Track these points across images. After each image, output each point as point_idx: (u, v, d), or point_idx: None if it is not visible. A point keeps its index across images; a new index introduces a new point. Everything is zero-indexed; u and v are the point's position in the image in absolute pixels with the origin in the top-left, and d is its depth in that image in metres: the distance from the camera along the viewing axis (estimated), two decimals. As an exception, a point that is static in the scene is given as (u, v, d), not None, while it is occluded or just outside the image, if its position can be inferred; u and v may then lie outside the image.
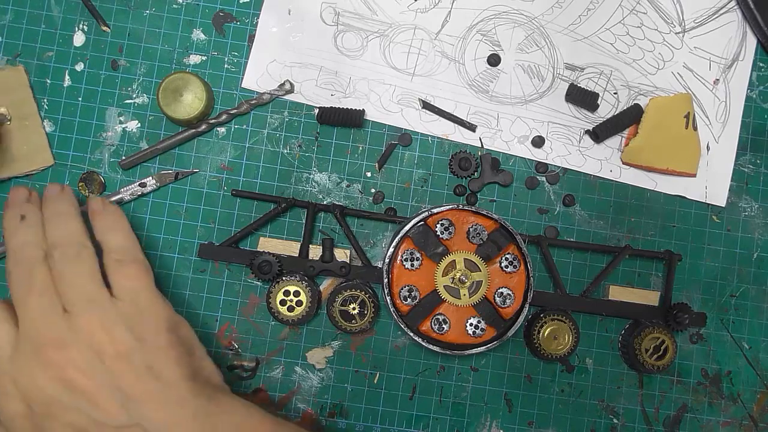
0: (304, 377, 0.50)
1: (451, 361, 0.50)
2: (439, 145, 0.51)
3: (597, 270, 0.51)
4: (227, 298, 0.50)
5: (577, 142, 0.52)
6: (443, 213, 0.47)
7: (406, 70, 0.52)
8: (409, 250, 0.47)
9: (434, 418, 0.50)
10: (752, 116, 0.53)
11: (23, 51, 0.50)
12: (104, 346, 0.38)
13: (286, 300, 0.48)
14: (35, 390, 0.37)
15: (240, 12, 0.51)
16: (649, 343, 0.49)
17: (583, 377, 0.51)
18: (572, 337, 0.49)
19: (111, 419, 0.37)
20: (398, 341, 0.50)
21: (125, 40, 0.51)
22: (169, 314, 0.41)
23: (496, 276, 0.47)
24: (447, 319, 0.47)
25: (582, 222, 0.52)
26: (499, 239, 0.47)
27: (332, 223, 0.50)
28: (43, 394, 0.37)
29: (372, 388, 0.50)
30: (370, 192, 0.51)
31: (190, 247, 0.50)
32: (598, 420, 0.51)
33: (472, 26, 0.52)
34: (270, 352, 0.50)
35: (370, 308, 0.48)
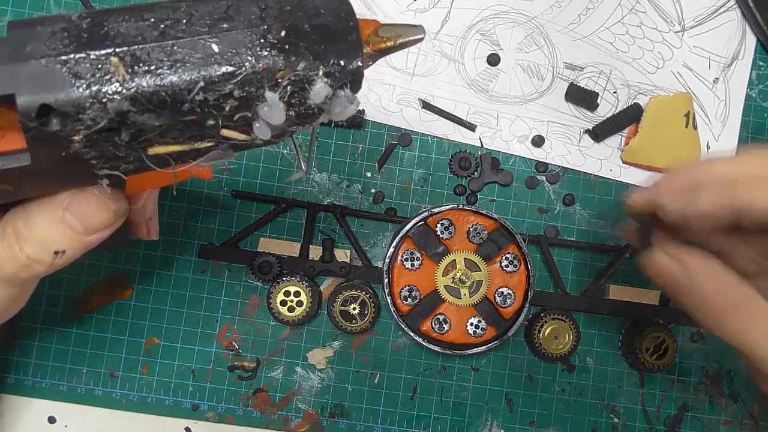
0: (305, 377, 0.50)
1: (452, 360, 0.50)
2: (439, 145, 0.51)
3: (597, 269, 0.51)
4: (227, 299, 0.50)
5: (576, 142, 0.52)
6: (443, 213, 0.47)
7: (405, 70, 0.52)
8: (409, 250, 0.47)
9: (435, 418, 0.50)
10: (752, 115, 0.53)
11: (23, 52, 0.50)
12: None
13: (287, 300, 0.48)
14: None
15: (239, 12, 0.51)
16: (650, 342, 0.49)
17: (584, 376, 0.51)
18: (573, 336, 0.49)
19: None
20: (399, 341, 0.50)
21: (125, 41, 0.51)
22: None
23: (496, 275, 0.47)
24: (447, 318, 0.47)
25: (582, 221, 0.52)
26: (499, 239, 0.47)
27: (332, 223, 0.50)
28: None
29: (373, 388, 0.50)
30: (370, 192, 0.51)
31: (191, 247, 0.50)
32: (599, 419, 0.50)
33: (472, 26, 0.52)
34: (270, 352, 0.50)
35: (371, 308, 0.48)
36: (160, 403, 0.49)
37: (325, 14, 0.24)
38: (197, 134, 0.24)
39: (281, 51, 0.23)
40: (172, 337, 0.50)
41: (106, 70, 0.21)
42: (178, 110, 0.22)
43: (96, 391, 0.49)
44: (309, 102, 0.24)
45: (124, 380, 0.49)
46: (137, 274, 0.50)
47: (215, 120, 0.23)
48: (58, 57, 0.21)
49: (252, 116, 0.24)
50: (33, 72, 0.21)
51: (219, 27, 0.23)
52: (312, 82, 0.24)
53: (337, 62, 0.24)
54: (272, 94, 0.23)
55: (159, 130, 0.23)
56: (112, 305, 0.50)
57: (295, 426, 0.49)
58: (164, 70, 0.22)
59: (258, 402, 0.49)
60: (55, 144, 0.22)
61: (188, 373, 0.49)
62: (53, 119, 0.21)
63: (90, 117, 0.21)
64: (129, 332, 0.49)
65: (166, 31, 0.22)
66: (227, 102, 0.23)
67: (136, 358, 0.49)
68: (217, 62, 0.22)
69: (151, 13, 0.23)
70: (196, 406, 0.49)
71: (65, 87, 0.21)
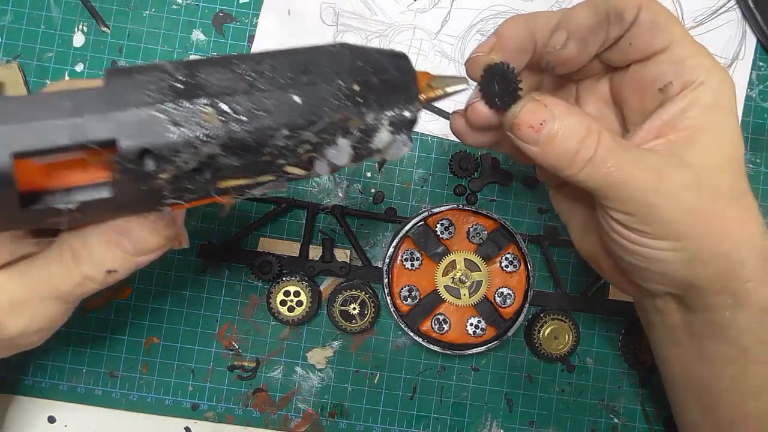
0: (305, 377, 0.50)
1: (452, 360, 0.50)
2: (439, 145, 0.51)
3: (597, 269, 0.51)
4: (227, 299, 0.50)
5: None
6: (443, 213, 0.47)
7: (405, 70, 0.51)
8: (409, 250, 0.47)
9: (435, 418, 0.50)
10: (752, 115, 0.53)
11: (23, 52, 0.50)
12: None
13: (287, 300, 0.48)
14: None
15: (239, 12, 0.51)
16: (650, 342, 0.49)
17: (584, 377, 0.51)
18: (572, 336, 0.49)
19: None
20: (398, 341, 0.50)
21: (125, 41, 0.51)
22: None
23: (496, 276, 0.47)
24: (447, 318, 0.47)
25: (582, 221, 0.52)
26: (499, 239, 0.47)
27: (332, 223, 0.50)
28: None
29: (372, 388, 0.50)
30: (370, 192, 0.51)
31: (191, 247, 0.50)
32: (598, 419, 0.50)
33: (472, 26, 0.52)
34: (270, 352, 0.50)
35: (371, 308, 0.48)
36: (160, 403, 0.49)
37: (390, 69, 0.27)
38: (264, 170, 0.26)
39: (354, 103, 0.26)
40: (172, 337, 0.50)
41: (201, 118, 0.24)
42: (259, 153, 0.25)
43: (96, 390, 0.49)
44: (372, 146, 0.27)
45: (123, 380, 0.49)
46: (137, 274, 0.50)
47: (286, 160, 0.26)
48: (157, 105, 0.23)
49: (318, 156, 0.27)
50: (134, 119, 0.23)
51: (299, 80, 0.25)
52: (378, 129, 0.27)
53: (400, 112, 0.27)
54: (344, 141, 0.26)
55: (236, 169, 0.25)
56: (112, 305, 0.50)
57: (295, 426, 0.49)
58: (252, 119, 0.24)
59: (258, 402, 0.49)
60: (141, 181, 0.24)
61: (188, 372, 0.49)
62: (149, 161, 0.23)
63: (183, 160, 0.24)
64: (129, 332, 0.49)
65: (253, 83, 0.25)
66: (302, 146, 0.26)
67: (136, 357, 0.49)
68: (299, 113, 0.25)
69: (238, 65, 0.25)
70: (196, 405, 0.49)
71: (164, 133, 0.23)
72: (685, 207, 0.31)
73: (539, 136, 0.31)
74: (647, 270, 0.34)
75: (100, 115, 0.23)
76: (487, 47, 0.33)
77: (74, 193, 0.25)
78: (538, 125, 0.31)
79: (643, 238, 0.32)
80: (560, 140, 0.31)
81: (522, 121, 0.31)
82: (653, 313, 0.38)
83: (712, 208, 0.32)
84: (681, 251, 0.32)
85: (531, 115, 0.31)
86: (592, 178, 0.31)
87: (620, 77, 0.36)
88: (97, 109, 0.23)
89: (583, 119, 0.31)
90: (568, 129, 0.31)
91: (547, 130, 0.31)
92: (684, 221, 0.31)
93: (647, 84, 0.34)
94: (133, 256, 0.29)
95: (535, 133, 0.31)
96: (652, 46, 0.33)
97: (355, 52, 0.27)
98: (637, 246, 0.33)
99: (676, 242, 0.32)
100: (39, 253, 0.30)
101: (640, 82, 0.34)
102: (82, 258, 0.28)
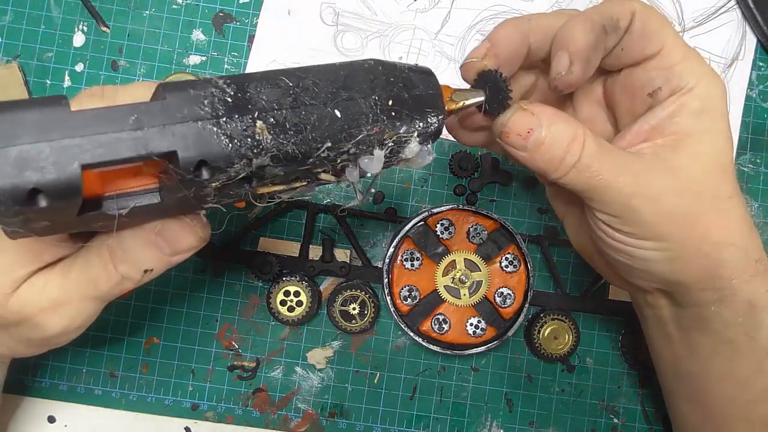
0: (305, 377, 0.50)
1: (452, 361, 0.50)
2: (439, 145, 0.51)
3: (597, 270, 0.51)
4: (227, 299, 0.50)
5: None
6: (443, 213, 0.47)
7: (405, 70, 0.51)
8: (409, 250, 0.47)
9: (435, 418, 0.50)
10: (752, 115, 0.53)
11: (23, 52, 0.50)
12: None
13: (287, 300, 0.48)
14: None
15: (240, 12, 0.51)
16: (650, 342, 0.49)
17: (584, 377, 0.51)
18: (572, 336, 0.49)
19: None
20: (398, 341, 0.50)
21: (125, 41, 0.51)
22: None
23: (496, 276, 0.47)
24: (447, 318, 0.47)
25: (582, 222, 0.52)
26: (499, 239, 0.47)
27: (332, 223, 0.50)
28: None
29: (372, 388, 0.50)
30: (370, 192, 0.51)
31: (190, 247, 0.50)
32: (598, 420, 0.51)
33: (472, 26, 0.52)
34: (270, 352, 0.50)
35: (371, 308, 0.48)
36: (160, 403, 0.49)
37: (419, 86, 0.30)
38: (301, 177, 0.28)
39: (389, 117, 0.28)
40: (172, 337, 0.50)
41: (253, 131, 0.25)
42: (303, 163, 0.27)
43: (96, 390, 0.49)
44: (401, 156, 0.30)
45: (123, 380, 0.49)
46: (137, 274, 0.50)
47: (323, 168, 0.28)
48: (212, 120, 0.25)
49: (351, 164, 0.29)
50: (191, 132, 0.24)
51: (339, 95, 0.27)
52: (408, 141, 0.29)
53: (428, 125, 0.30)
54: (379, 152, 0.29)
55: (279, 177, 0.27)
56: (112, 305, 0.49)
57: (295, 426, 0.49)
58: (299, 132, 0.26)
59: (258, 402, 0.49)
60: (192, 188, 0.26)
61: (188, 372, 0.49)
62: (204, 171, 0.25)
63: (235, 170, 0.25)
64: (129, 332, 0.49)
65: (298, 98, 0.27)
66: (341, 156, 0.28)
67: (136, 357, 0.49)
68: (341, 127, 0.27)
69: (284, 81, 0.27)
70: (196, 405, 0.49)
71: (219, 146, 0.25)
72: (665, 210, 0.32)
73: (527, 142, 0.32)
74: (633, 267, 0.35)
75: (160, 128, 0.24)
76: (480, 52, 0.34)
77: (126, 199, 0.26)
78: (525, 133, 0.32)
79: (627, 238, 0.33)
80: (547, 147, 0.32)
81: (510, 129, 0.32)
82: (645, 308, 0.39)
83: (693, 212, 0.33)
84: (663, 251, 0.33)
85: (519, 123, 0.32)
86: (577, 181, 0.32)
87: (613, 80, 0.36)
88: (157, 122, 0.24)
89: (569, 126, 0.32)
90: (554, 136, 0.32)
91: (534, 137, 0.32)
92: (664, 224, 0.32)
93: (637, 88, 0.34)
94: (169, 256, 0.30)
95: (522, 140, 0.32)
96: (643, 53, 0.33)
97: (386, 67, 0.29)
98: (622, 245, 0.34)
99: (658, 243, 0.33)
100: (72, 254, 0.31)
101: (630, 86, 0.35)
102: (121, 259, 0.30)
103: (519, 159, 0.33)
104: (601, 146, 0.32)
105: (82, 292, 0.31)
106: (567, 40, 0.32)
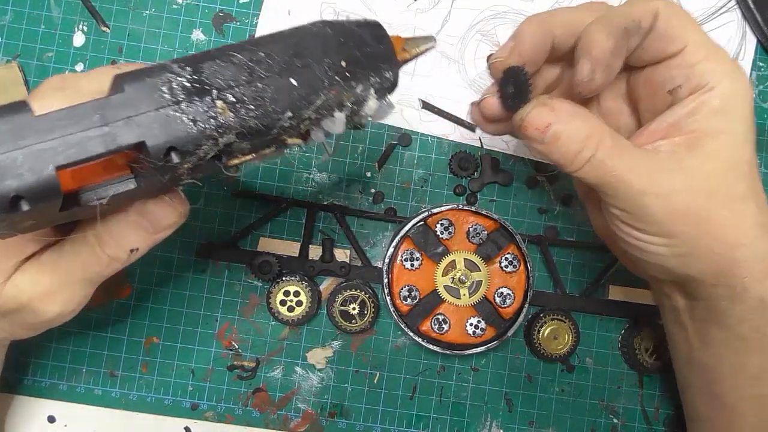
0: (305, 377, 0.50)
1: (451, 361, 0.50)
2: (439, 145, 0.51)
3: (597, 270, 0.51)
4: (227, 299, 0.50)
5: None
6: (443, 213, 0.47)
7: (405, 70, 0.51)
8: (409, 250, 0.47)
9: (434, 418, 0.50)
10: (752, 116, 0.53)
11: (23, 52, 0.50)
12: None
13: (286, 300, 0.48)
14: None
15: (240, 12, 0.51)
16: (649, 342, 0.49)
17: (584, 377, 0.51)
18: (572, 336, 0.49)
19: None
20: (398, 341, 0.50)
21: (125, 41, 0.51)
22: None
23: (496, 276, 0.47)
24: (447, 318, 0.47)
25: (582, 222, 0.51)
26: (499, 239, 0.47)
27: (332, 223, 0.50)
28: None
29: (372, 388, 0.50)
30: (370, 192, 0.51)
31: (190, 247, 0.50)
32: (598, 420, 0.51)
33: (472, 26, 0.52)
34: (270, 352, 0.50)
35: (370, 308, 0.48)
36: (160, 403, 0.49)
37: (371, 42, 0.30)
38: (268, 145, 0.29)
39: (344, 78, 0.28)
40: (172, 337, 0.50)
41: (215, 112, 0.26)
42: (267, 134, 0.27)
43: (95, 390, 0.49)
44: (362, 113, 0.30)
45: (123, 380, 0.49)
46: (137, 273, 0.50)
47: (288, 135, 0.29)
48: (173, 105, 0.25)
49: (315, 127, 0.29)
50: (156, 120, 0.25)
51: (293, 64, 0.28)
52: (367, 98, 0.30)
53: (384, 80, 0.30)
54: (339, 113, 0.29)
55: (246, 149, 0.28)
56: (112, 304, 0.50)
57: (295, 426, 0.49)
58: (259, 106, 0.27)
59: (257, 402, 0.49)
60: (165, 172, 0.26)
61: (188, 372, 0.49)
62: (174, 156, 0.25)
63: (204, 150, 0.26)
64: (128, 332, 0.49)
65: (253, 72, 0.27)
66: (303, 123, 0.28)
67: (136, 357, 0.49)
68: (298, 95, 0.27)
69: (236, 56, 0.27)
70: (196, 405, 0.49)
71: (185, 130, 0.25)
72: (676, 209, 0.33)
73: (545, 136, 0.33)
74: (646, 261, 0.35)
75: (125, 120, 0.25)
76: (505, 51, 0.35)
77: (104, 189, 0.27)
78: (543, 127, 0.33)
79: (639, 233, 0.34)
80: (563, 141, 0.33)
81: (529, 123, 0.33)
82: (661, 296, 0.40)
83: (705, 211, 0.33)
84: (674, 247, 0.34)
85: (537, 118, 0.33)
86: (591, 176, 0.33)
87: (636, 76, 0.36)
88: (121, 116, 0.25)
89: (586, 122, 0.33)
90: (571, 132, 0.32)
91: (552, 131, 0.33)
92: (675, 222, 0.33)
93: (658, 85, 0.34)
94: (153, 234, 0.32)
95: (540, 134, 0.33)
96: (665, 52, 0.33)
97: (335, 29, 0.29)
98: (634, 240, 0.34)
99: (669, 239, 0.33)
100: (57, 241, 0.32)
101: (652, 83, 0.35)
102: (107, 242, 0.31)
103: (536, 151, 0.34)
104: (617, 143, 0.33)
105: (74, 277, 0.32)
106: (589, 47, 0.32)
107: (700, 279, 0.34)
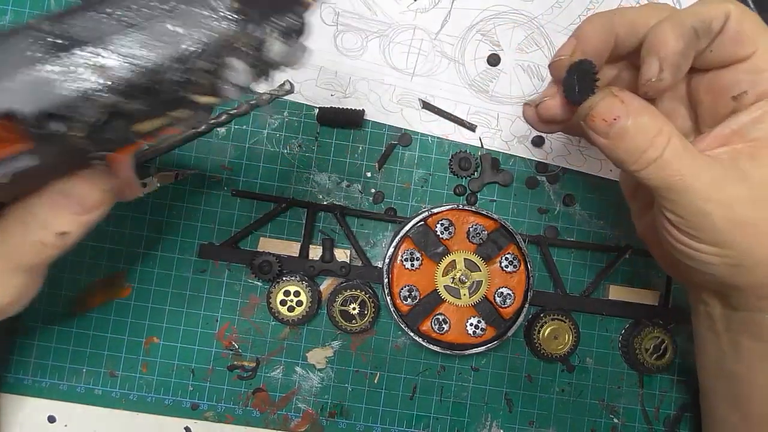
0: (305, 377, 0.50)
1: (452, 361, 0.50)
2: (439, 145, 0.51)
3: (597, 270, 0.51)
4: (227, 299, 0.50)
5: (577, 142, 0.52)
6: (443, 213, 0.47)
7: (405, 70, 0.52)
8: (409, 250, 0.47)
9: (435, 418, 0.50)
10: (752, 116, 0.53)
11: (23, 51, 0.50)
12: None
13: (287, 300, 0.48)
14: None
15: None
16: (650, 342, 0.49)
17: (584, 377, 0.51)
18: (572, 336, 0.49)
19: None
20: (398, 341, 0.50)
21: (125, 41, 0.51)
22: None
23: (496, 276, 0.47)
24: (447, 318, 0.47)
25: (582, 222, 0.52)
26: (499, 239, 0.47)
27: (332, 223, 0.50)
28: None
29: (372, 388, 0.50)
30: (370, 192, 0.51)
31: (190, 247, 0.50)
32: (598, 420, 0.51)
33: (472, 26, 0.52)
34: (270, 352, 0.50)
35: (370, 308, 0.48)
36: (160, 403, 0.49)
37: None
38: (176, 105, 0.26)
39: (235, 21, 0.25)
40: (172, 337, 0.50)
41: (84, 69, 0.23)
42: (157, 91, 0.25)
43: (96, 390, 0.49)
44: (269, 60, 0.27)
45: (123, 379, 0.49)
46: (137, 274, 0.50)
47: (190, 92, 0.26)
48: (39, 66, 0.23)
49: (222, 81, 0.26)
50: (23, 85, 0.23)
51: (175, 7, 0.24)
52: (266, 42, 0.26)
53: (285, 19, 0.27)
54: (236, 60, 0.26)
55: (146, 111, 0.25)
56: (112, 304, 0.50)
57: (295, 426, 0.49)
58: (135, 58, 0.24)
59: (258, 402, 0.49)
60: (59, 142, 0.24)
61: (188, 372, 0.49)
62: (52, 123, 0.23)
63: (86, 115, 0.23)
64: (129, 331, 0.49)
65: (123, 20, 0.24)
66: (200, 75, 0.25)
67: (136, 357, 0.49)
68: (181, 42, 0.24)
69: (103, 5, 0.24)
70: (196, 405, 0.49)
71: (56, 92, 0.23)
72: (736, 219, 0.32)
73: (610, 129, 0.31)
74: (693, 269, 0.35)
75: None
76: (568, 49, 0.34)
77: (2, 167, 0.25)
78: (611, 119, 0.31)
79: (692, 241, 0.33)
80: (631, 137, 0.31)
81: (597, 113, 0.32)
82: (698, 302, 0.39)
83: (763, 223, 0.32)
84: (727, 257, 0.33)
85: (606, 108, 0.32)
86: (654, 178, 0.32)
87: (698, 78, 0.35)
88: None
89: (656, 119, 0.32)
90: (640, 127, 0.31)
91: (620, 125, 0.31)
92: (733, 232, 0.32)
93: (722, 90, 0.34)
94: (80, 214, 0.30)
95: (607, 126, 0.32)
96: (734, 56, 0.32)
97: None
98: (685, 247, 0.33)
99: (723, 249, 0.32)
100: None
101: (716, 86, 0.34)
102: (31, 225, 0.29)
103: (599, 145, 0.33)
104: (685, 146, 0.32)
105: (3, 267, 0.30)
106: (657, 46, 0.31)
107: (746, 290, 0.34)
